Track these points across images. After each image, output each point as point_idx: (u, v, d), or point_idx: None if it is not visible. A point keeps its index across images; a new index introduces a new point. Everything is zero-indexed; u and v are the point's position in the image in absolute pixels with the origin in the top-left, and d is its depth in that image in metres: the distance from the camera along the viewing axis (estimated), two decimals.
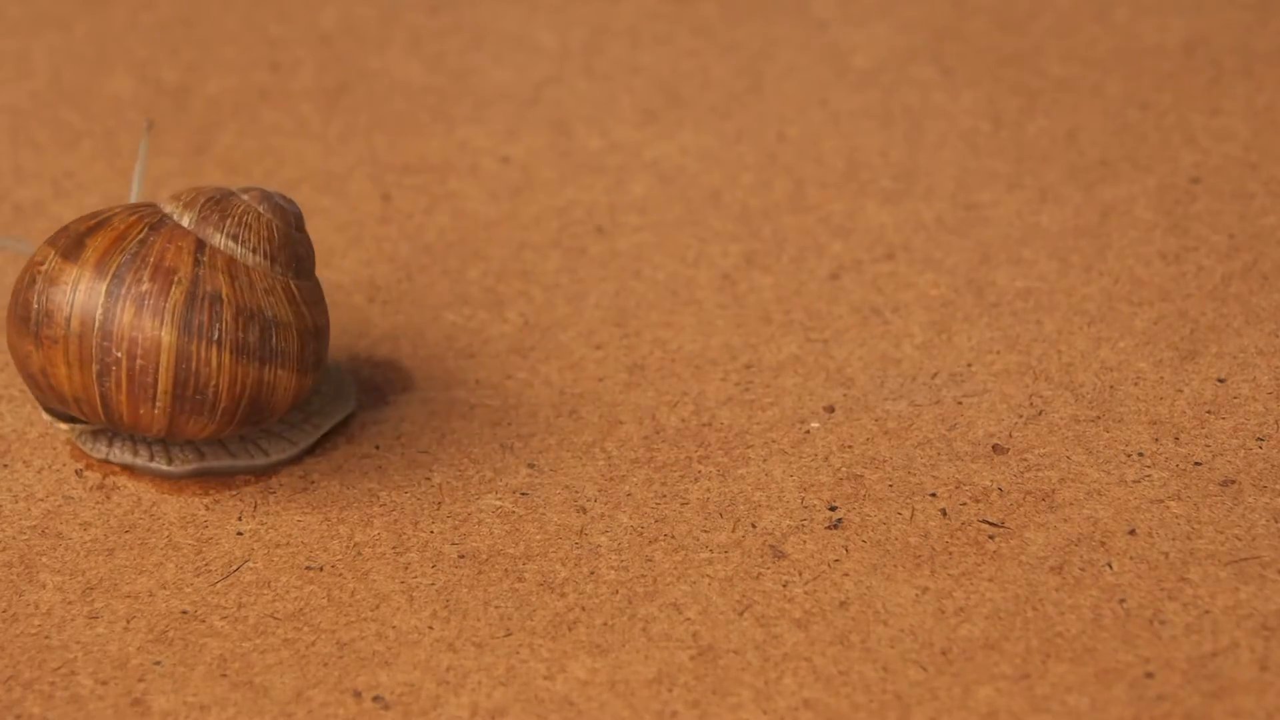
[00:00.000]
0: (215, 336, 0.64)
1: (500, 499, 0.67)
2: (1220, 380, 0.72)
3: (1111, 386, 0.72)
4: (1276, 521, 0.65)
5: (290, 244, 0.67)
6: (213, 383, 0.64)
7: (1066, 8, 0.98)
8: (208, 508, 0.67)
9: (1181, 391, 0.72)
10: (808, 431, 0.70)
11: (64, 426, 0.67)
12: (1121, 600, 0.62)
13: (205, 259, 0.65)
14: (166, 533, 0.66)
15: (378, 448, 0.70)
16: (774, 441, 0.69)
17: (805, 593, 0.63)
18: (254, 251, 0.66)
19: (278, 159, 0.86)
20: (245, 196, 0.67)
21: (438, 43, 0.96)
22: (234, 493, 0.68)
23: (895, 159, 0.86)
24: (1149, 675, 0.60)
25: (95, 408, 0.65)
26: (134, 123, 0.89)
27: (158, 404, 0.64)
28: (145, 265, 0.64)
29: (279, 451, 0.68)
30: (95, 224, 0.66)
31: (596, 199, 0.84)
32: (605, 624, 0.62)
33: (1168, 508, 0.66)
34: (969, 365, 0.73)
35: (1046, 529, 0.65)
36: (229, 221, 0.66)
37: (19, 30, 0.97)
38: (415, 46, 0.95)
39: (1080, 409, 0.71)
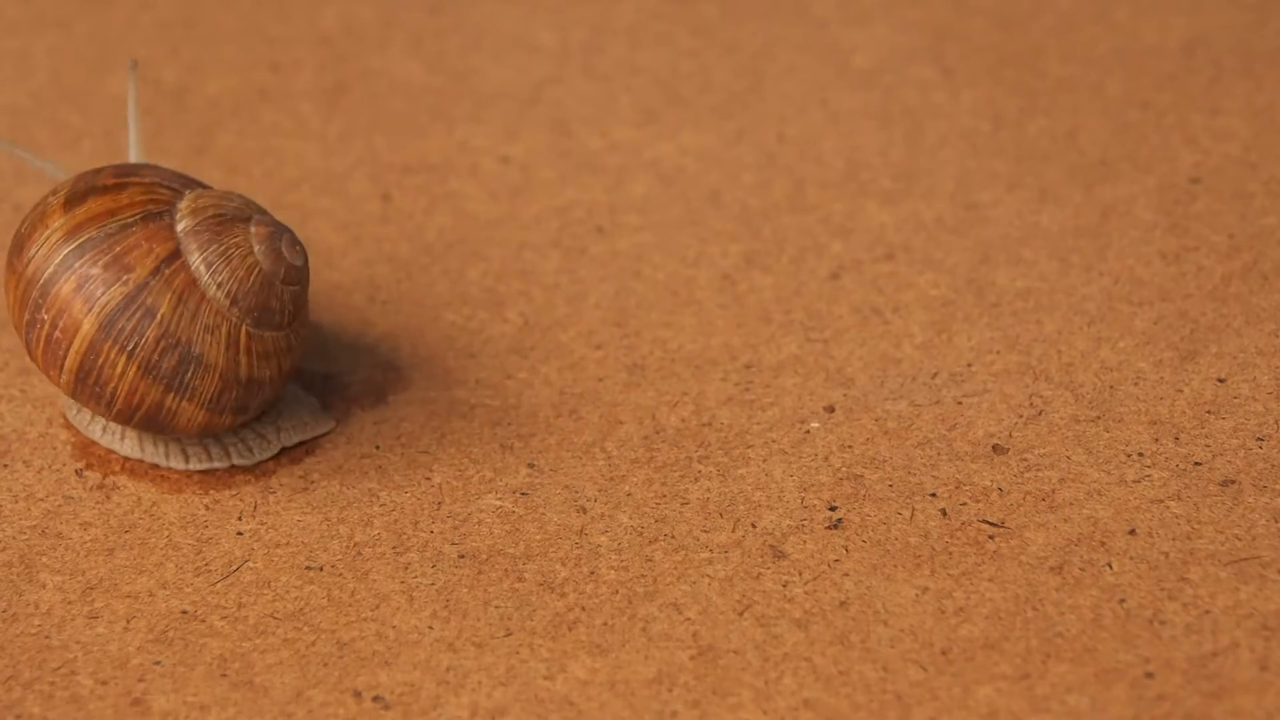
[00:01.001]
0: (130, 347, 0.64)
1: (500, 499, 0.67)
2: (1220, 380, 0.72)
3: (1111, 386, 0.72)
4: (1276, 521, 0.65)
5: (263, 293, 0.65)
6: (111, 385, 0.64)
7: (1066, 8, 0.98)
8: (208, 508, 0.67)
9: (1181, 391, 0.72)
10: (808, 431, 0.70)
11: None
12: (1121, 600, 0.62)
13: (167, 271, 0.64)
14: (166, 533, 0.66)
15: (378, 448, 0.70)
16: (774, 441, 0.69)
17: (805, 593, 0.63)
18: (218, 286, 0.65)
19: (278, 159, 0.86)
20: (254, 229, 0.66)
21: (438, 43, 0.96)
22: (234, 493, 0.68)
23: (895, 159, 0.86)
24: (1149, 675, 0.60)
25: (24, 344, 0.66)
26: None
27: (63, 376, 0.65)
28: (109, 252, 0.64)
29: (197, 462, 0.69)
30: (113, 185, 0.66)
31: (596, 199, 0.84)
32: (605, 624, 0.62)
33: (1168, 508, 0.66)
34: (969, 365, 0.73)
35: (1046, 529, 0.65)
36: (214, 247, 0.65)
37: (19, 30, 0.97)
38: (415, 46, 0.95)
39: (1080, 409, 0.71)
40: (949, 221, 0.81)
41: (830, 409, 0.71)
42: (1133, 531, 0.65)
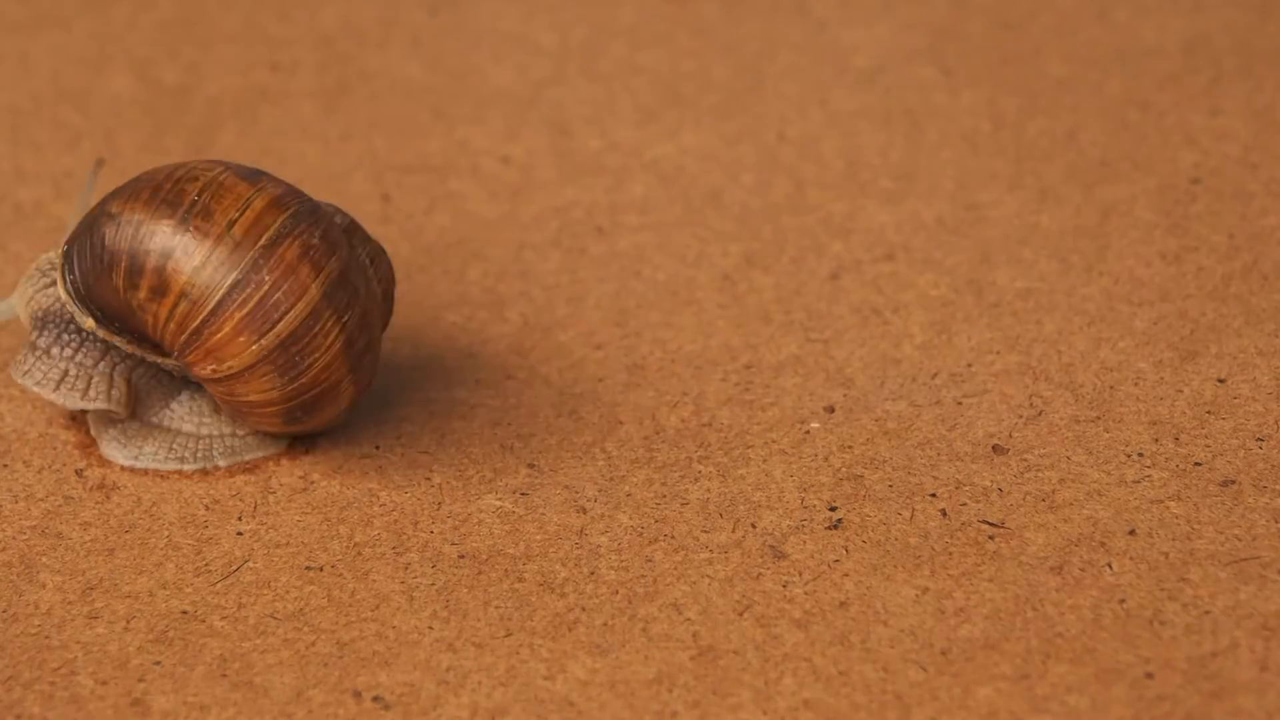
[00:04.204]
0: (344, 320, 0.65)
1: (500, 499, 0.67)
2: (1220, 380, 0.72)
3: (1111, 386, 0.72)
4: (1276, 521, 0.65)
5: (390, 299, 0.69)
6: (314, 356, 0.64)
7: (1066, 8, 0.98)
8: (208, 508, 0.67)
9: (1181, 391, 0.72)
10: (808, 431, 0.70)
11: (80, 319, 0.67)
12: (1121, 600, 0.62)
13: (354, 258, 0.66)
14: (166, 533, 0.66)
15: (378, 448, 0.70)
16: (774, 441, 0.69)
17: (805, 593, 0.63)
18: (378, 281, 0.68)
19: (278, 159, 0.86)
20: (360, 234, 0.69)
21: (438, 43, 0.96)
22: (234, 493, 0.68)
23: (895, 159, 0.86)
24: (1149, 675, 0.60)
25: (191, 308, 0.64)
26: (134, 123, 0.89)
27: (262, 341, 0.64)
28: (318, 225, 0.65)
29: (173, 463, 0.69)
30: (251, 169, 0.66)
31: (596, 199, 0.84)
32: (605, 624, 0.62)
33: (1168, 508, 0.66)
34: (969, 365, 0.73)
35: (1046, 529, 0.65)
36: (370, 244, 0.68)
37: (19, 30, 0.97)
38: (415, 46, 0.95)
39: (1080, 409, 0.71)
40: (949, 221, 0.82)
41: (830, 409, 0.71)
42: (1133, 532, 0.65)
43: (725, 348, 0.74)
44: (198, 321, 0.64)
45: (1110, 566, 0.64)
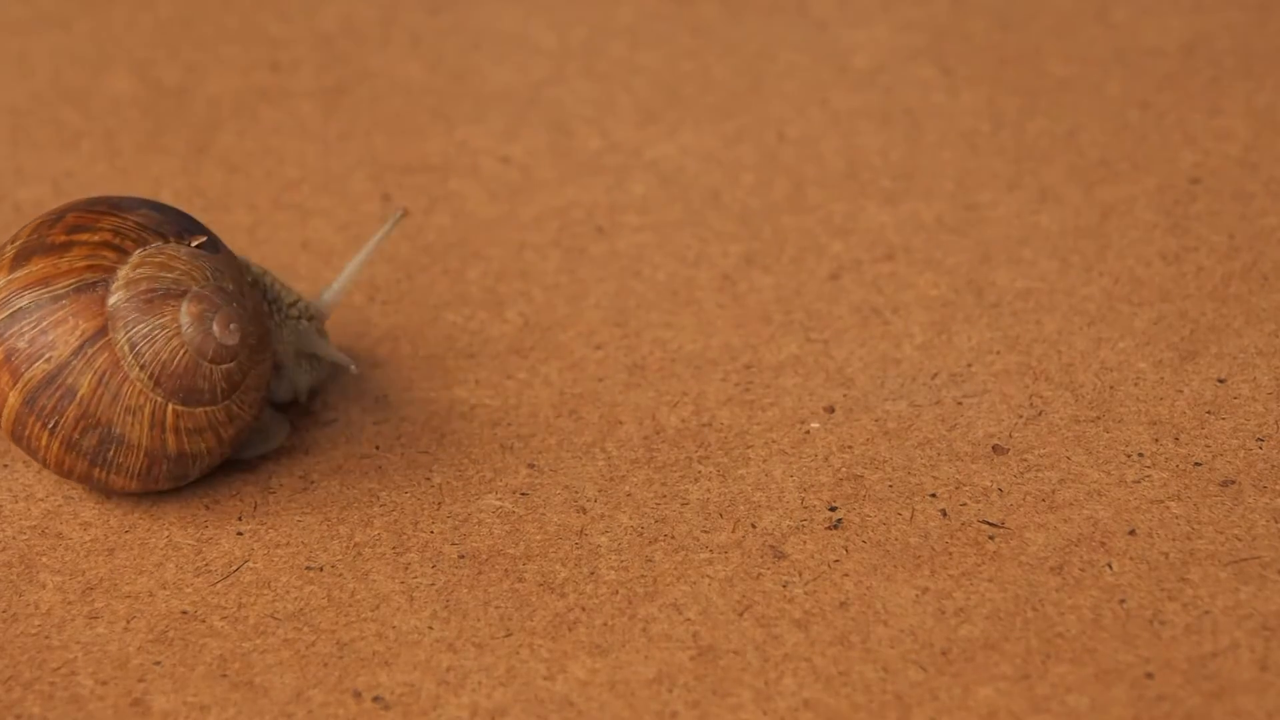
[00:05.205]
0: (50, 425, 0.63)
1: (500, 499, 0.67)
2: (1220, 380, 0.72)
3: (1111, 386, 0.72)
4: (1276, 521, 0.65)
5: (189, 375, 0.64)
6: (40, 454, 0.64)
7: (1066, 8, 0.98)
8: (208, 508, 0.67)
9: (1181, 392, 0.72)
10: (808, 431, 0.70)
11: None
12: (1121, 600, 0.62)
13: (91, 350, 0.63)
14: (166, 533, 0.66)
15: (378, 448, 0.70)
16: (774, 441, 0.69)
17: (805, 593, 0.63)
18: (142, 368, 0.63)
19: (278, 159, 0.86)
20: (188, 306, 0.64)
21: (438, 43, 0.96)
22: (234, 493, 0.68)
23: (895, 159, 0.86)
24: (1149, 675, 0.60)
25: None
26: (134, 123, 0.89)
27: (0, 431, 0.65)
28: (39, 325, 0.63)
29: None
30: (61, 243, 0.64)
31: (596, 199, 0.84)
32: (605, 624, 0.62)
33: (1168, 508, 0.66)
34: (969, 365, 0.73)
35: (1046, 529, 0.65)
36: (142, 326, 0.63)
37: (19, 30, 0.97)
38: (415, 46, 0.95)
39: (1080, 409, 0.71)
40: (949, 221, 0.82)
41: (830, 409, 0.71)
42: (1133, 532, 0.65)
43: (725, 348, 0.74)
44: None
45: (1110, 566, 0.64)
